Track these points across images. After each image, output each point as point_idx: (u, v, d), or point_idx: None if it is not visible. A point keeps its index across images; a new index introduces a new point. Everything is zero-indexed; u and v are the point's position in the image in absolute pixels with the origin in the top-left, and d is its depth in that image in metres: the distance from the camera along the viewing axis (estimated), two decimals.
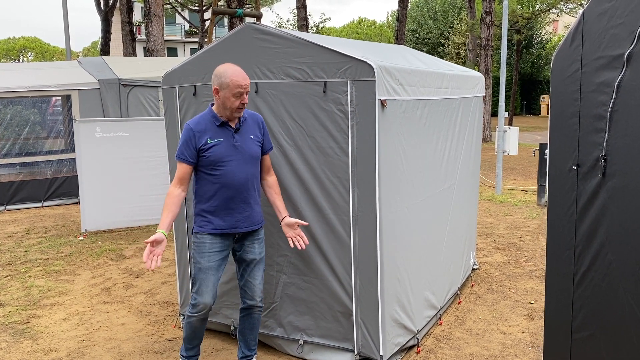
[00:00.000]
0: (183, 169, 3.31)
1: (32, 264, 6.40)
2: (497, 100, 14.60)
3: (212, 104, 3.41)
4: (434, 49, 35.73)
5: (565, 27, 33.16)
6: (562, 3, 23.15)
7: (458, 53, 33.08)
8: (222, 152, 3.30)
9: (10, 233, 7.88)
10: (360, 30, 46.24)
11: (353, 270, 3.60)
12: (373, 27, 47.20)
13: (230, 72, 3.23)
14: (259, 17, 8.07)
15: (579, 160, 2.53)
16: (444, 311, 4.69)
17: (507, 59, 11.08)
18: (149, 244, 3.17)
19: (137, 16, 34.85)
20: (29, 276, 5.96)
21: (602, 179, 2.45)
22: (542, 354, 3.95)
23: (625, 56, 2.32)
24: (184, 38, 45.79)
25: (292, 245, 3.48)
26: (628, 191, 2.37)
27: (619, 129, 2.37)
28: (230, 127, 3.35)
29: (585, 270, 2.57)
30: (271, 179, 3.57)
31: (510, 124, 23.16)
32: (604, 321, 2.54)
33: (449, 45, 34.31)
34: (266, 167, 3.56)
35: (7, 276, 5.97)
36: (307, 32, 19.41)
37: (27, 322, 4.73)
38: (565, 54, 2.52)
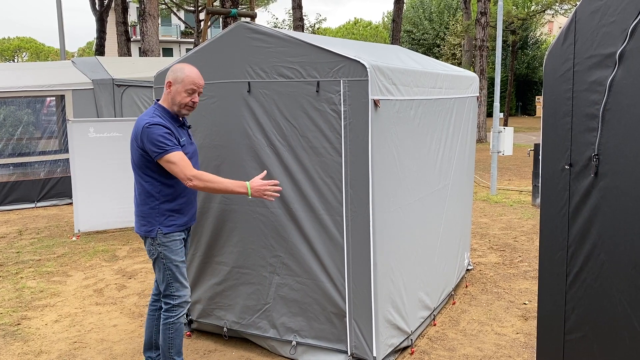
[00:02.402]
0: (182, 154, 3.20)
1: (24, 265, 6.35)
2: (493, 101, 14.62)
3: (157, 104, 3.35)
4: (430, 49, 35.77)
5: (560, 28, 33.17)
6: (557, 4, 23.20)
7: (454, 54, 33.12)
8: (189, 150, 3.37)
9: (3, 234, 7.82)
10: (356, 31, 46.22)
11: (346, 271, 3.58)
12: (369, 27, 47.20)
13: (188, 69, 3.31)
14: (253, 17, 8.06)
15: (572, 159, 2.51)
16: (438, 312, 4.67)
17: (502, 59, 11.10)
18: (268, 185, 3.25)
19: (133, 16, 34.75)
20: (21, 277, 5.92)
21: (595, 179, 2.43)
22: (535, 355, 3.93)
23: (617, 54, 2.30)
24: (179, 38, 45.68)
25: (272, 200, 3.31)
26: (620, 191, 2.35)
27: (611, 128, 2.35)
28: (186, 126, 3.44)
29: (577, 271, 2.56)
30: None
31: (505, 124, 23.19)
32: (596, 322, 2.53)
33: (444, 46, 34.35)
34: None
35: None
36: (303, 32, 19.40)
37: (18, 324, 4.69)
38: (557, 52, 2.50)
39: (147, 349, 3.68)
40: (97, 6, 21.34)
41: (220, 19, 15.52)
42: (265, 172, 3.38)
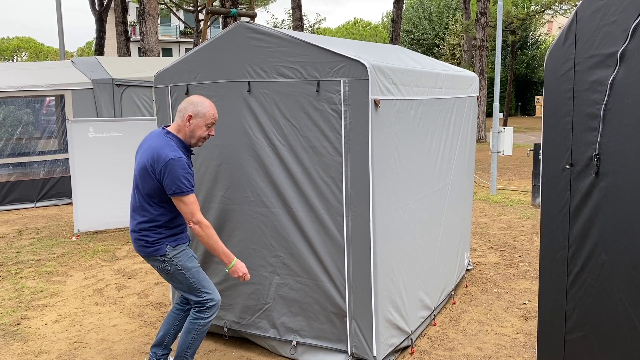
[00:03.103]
0: (194, 197, 3.27)
1: (23, 265, 6.35)
2: (492, 101, 14.62)
3: (167, 131, 3.34)
4: (429, 49, 35.77)
5: (559, 28, 33.23)
6: (557, 4, 23.22)
7: (453, 54, 33.12)
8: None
9: (2, 234, 7.82)
10: (356, 31, 46.22)
11: (346, 270, 3.58)
12: (368, 27, 47.20)
13: (208, 103, 3.36)
14: (253, 16, 8.06)
15: (573, 159, 2.51)
16: (438, 312, 4.67)
17: (501, 59, 11.10)
18: (245, 275, 3.42)
19: (132, 16, 34.74)
20: (21, 277, 5.91)
21: (596, 178, 2.43)
22: (536, 355, 3.93)
23: (619, 54, 2.30)
24: (178, 38, 45.66)
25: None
26: (621, 190, 2.35)
27: (612, 127, 2.35)
28: (192, 154, 3.47)
29: (578, 271, 2.56)
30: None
31: (505, 124, 23.20)
32: (597, 322, 2.53)
33: (444, 46, 34.36)
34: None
35: None
36: (302, 32, 19.37)
37: (18, 324, 4.69)
38: (558, 52, 2.50)
39: (157, 344, 3.67)
40: (96, 6, 21.33)
41: (220, 19, 15.53)
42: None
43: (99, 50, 20.99)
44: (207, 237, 3.25)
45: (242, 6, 24.99)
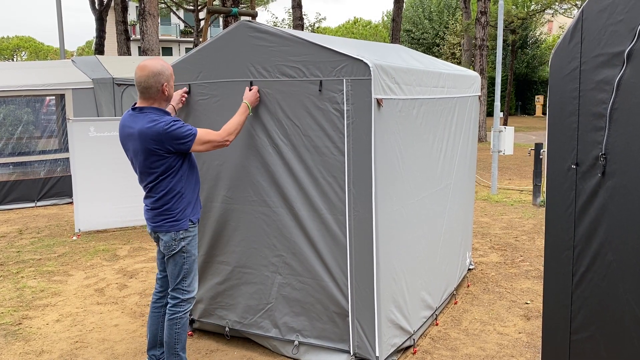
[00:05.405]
0: (203, 129, 3.35)
1: (24, 264, 6.33)
2: (493, 100, 14.60)
3: (139, 109, 3.34)
4: (429, 49, 35.76)
5: (560, 27, 33.31)
6: (557, 3, 23.22)
7: (453, 53, 33.11)
8: None
9: (3, 233, 7.80)
10: (356, 30, 46.22)
11: (349, 270, 3.57)
12: (368, 27, 47.19)
13: (166, 65, 3.37)
14: (254, 16, 8.04)
15: (578, 159, 2.50)
16: (440, 311, 4.66)
17: (502, 59, 11.08)
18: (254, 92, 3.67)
19: (132, 16, 34.70)
20: (22, 277, 5.90)
21: (602, 178, 2.42)
22: (538, 355, 3.92)
23: (626, 53, 2.29)
24: (178, 37, 45.64)
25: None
26: (628, 190, 2.34)
27: (618, 127, 2.34)
28: None
29: (584, 271, 2.55)
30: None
31: (505, 124, 23.20)
32: (603, 322, 2.52)
33: (444, 45, 34.34)
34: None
35: None
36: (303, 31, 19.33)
37: (19, 324, 4.68)
38: (564, 51, 2.49)
39: (152, 347, 3.67)
40: (96, 5, 21.31)
41: (221, 18, 15.51)
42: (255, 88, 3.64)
43: (99, 49, 20.98)
44: (235, 129, 3.46)
45: (243, 5, 24.98)
